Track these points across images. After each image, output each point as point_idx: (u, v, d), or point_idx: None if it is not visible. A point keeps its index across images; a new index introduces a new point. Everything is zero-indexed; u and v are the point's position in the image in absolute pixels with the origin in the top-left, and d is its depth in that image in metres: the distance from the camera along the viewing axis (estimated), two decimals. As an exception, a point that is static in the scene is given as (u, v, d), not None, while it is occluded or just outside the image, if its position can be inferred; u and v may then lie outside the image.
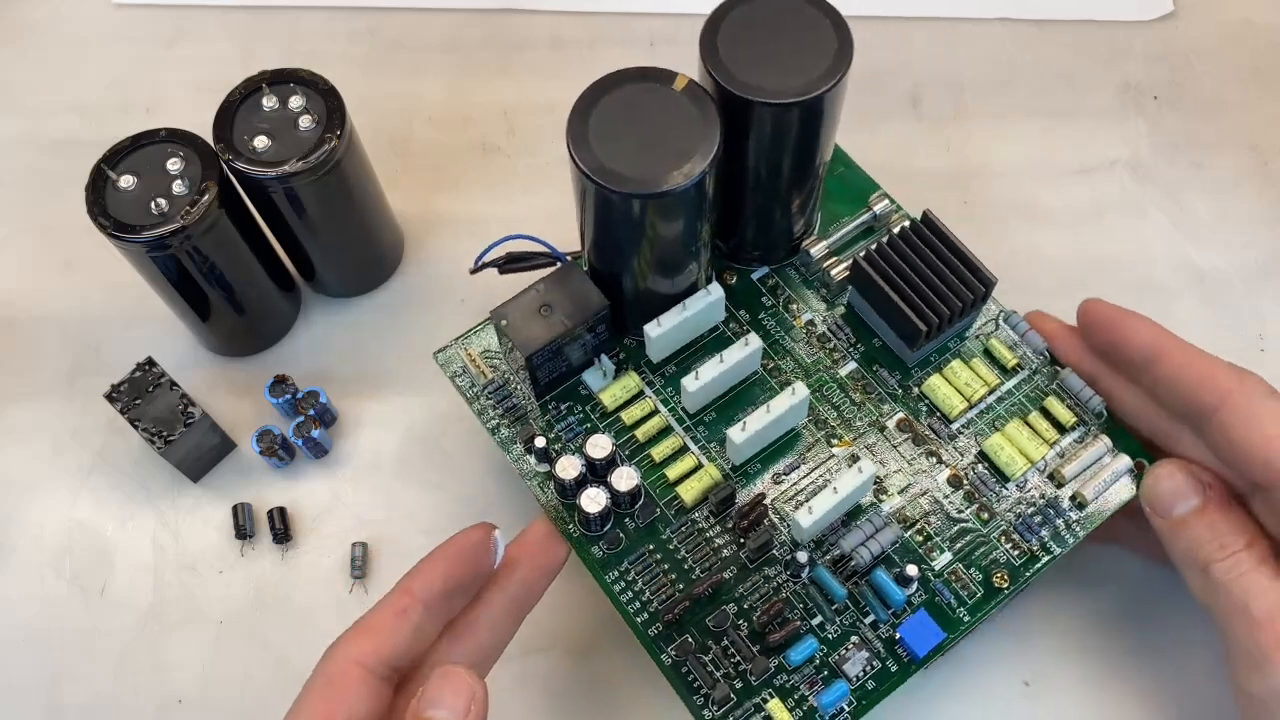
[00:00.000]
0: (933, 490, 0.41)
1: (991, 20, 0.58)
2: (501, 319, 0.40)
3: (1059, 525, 0.40)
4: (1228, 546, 0.36)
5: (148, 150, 0.43)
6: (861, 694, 0.38)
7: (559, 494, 0.40)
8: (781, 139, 0.38)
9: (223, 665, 0.44)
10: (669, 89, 0.37)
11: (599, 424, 0.42)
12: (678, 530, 0.40)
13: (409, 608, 0.34)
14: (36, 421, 0.48)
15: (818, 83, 0.37)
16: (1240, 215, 0.52)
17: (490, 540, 0.37)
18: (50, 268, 0.52)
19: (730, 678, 0.38)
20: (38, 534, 0.46)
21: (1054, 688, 0.42)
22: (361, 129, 0.45)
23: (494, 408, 0.42)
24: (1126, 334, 0.39)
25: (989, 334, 0.43)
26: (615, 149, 0.36)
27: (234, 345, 0.49)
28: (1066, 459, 0.40)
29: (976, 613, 0.39)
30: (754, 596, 0.39)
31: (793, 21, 0.38)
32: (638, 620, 0.38)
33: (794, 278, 0.45)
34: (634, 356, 0.43)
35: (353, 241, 0.48)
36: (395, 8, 0.58)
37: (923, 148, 0.54)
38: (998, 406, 0.42)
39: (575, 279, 0.41)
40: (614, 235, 0.39)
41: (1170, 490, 0.38)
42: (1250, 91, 0.55)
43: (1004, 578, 0.39)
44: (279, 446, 0.46)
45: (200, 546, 0.46)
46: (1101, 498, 0.40)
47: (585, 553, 0.40)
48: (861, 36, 0.57)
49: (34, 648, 0.44)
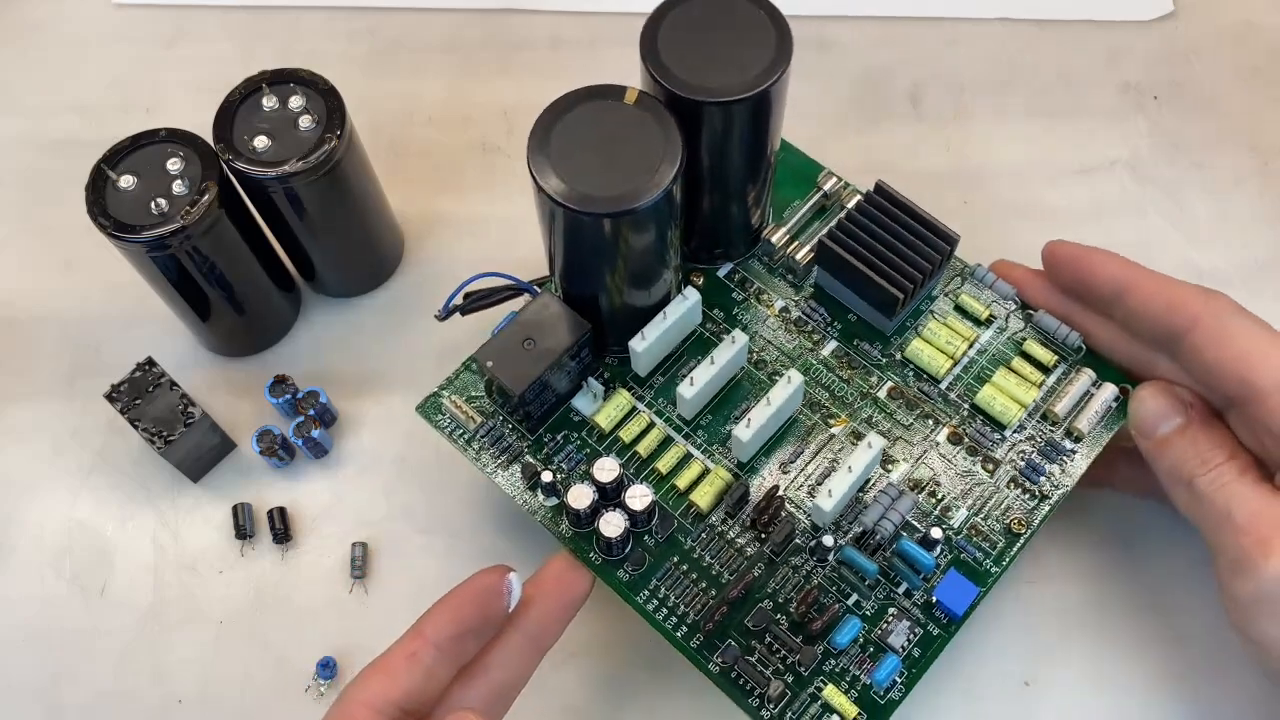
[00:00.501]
0: (935, 451, 0.41)
1: (991, 20, 0.58)
2: (487, 361, 0.39)
3: (1062, 461, 0.41)
4: (1210, 461, 0.37)
5: (148, 150, 0.43)
6: (910, 662, 0.38)
7: (574, 524, 0.40)
8: (734, 136, 0.38)
9: (223, 665, 0.44)
10: (621, 103, 0.37)
11: (598, 447, 0.41)
12: (698, 538, 0.40)
13: (420, 651, 0.34)
14: (36, 421, 0.48)
15: (764, 75, 0.37)
16: (1240, 215, 0.52)
17: (504, 584, 0.36)
18: (50, 268, 0.52)
19: (780, 673, 0.38)
20: (38, 534, 0.46)
21: (1054, 688, 0.42)
22: (361, 129, 0.45)
23: (490, 452, 0.41)
24: (1093, 269, 0.40)
25: (957, 290, 0.44)
26: (580, 172, 0.36)
27: (234, 345, 0.49)
28: (1055, 397, 0.41)
29: (1002, 561, 0.39)
30: (787, 588, 0.39)
31: (729, 19, 0.38)
32: (677, 635, 0.38)
33: (759, 269, 0.45)
34: (618, 374, 0.43)
35: (353, 241, 0.48)
36: (395, 8, 0.58)
37: (923, 148, 0.54)
38: (980, 359, 0.43)
39: (551, 307, 0.40)
40: (589, 257, 0.38)
41: (1154, 410, 0.39)
42: (1250, 91, 0.55)
43: (1021, 523, 0.40)
44: (279, 446, 0.46)
45: (200, 546, 0.46)
46: (1095, 428, 0.41)
47: (611, 578, 0.39)
48: (861, 36, 0.57)
49: (34, 648, 0.44)
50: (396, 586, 0.45)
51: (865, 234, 0.42)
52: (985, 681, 0.42)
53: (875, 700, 0.37)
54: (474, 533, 0.45)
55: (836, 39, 0.57)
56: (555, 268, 0.40)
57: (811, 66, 0.56)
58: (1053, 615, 0.43)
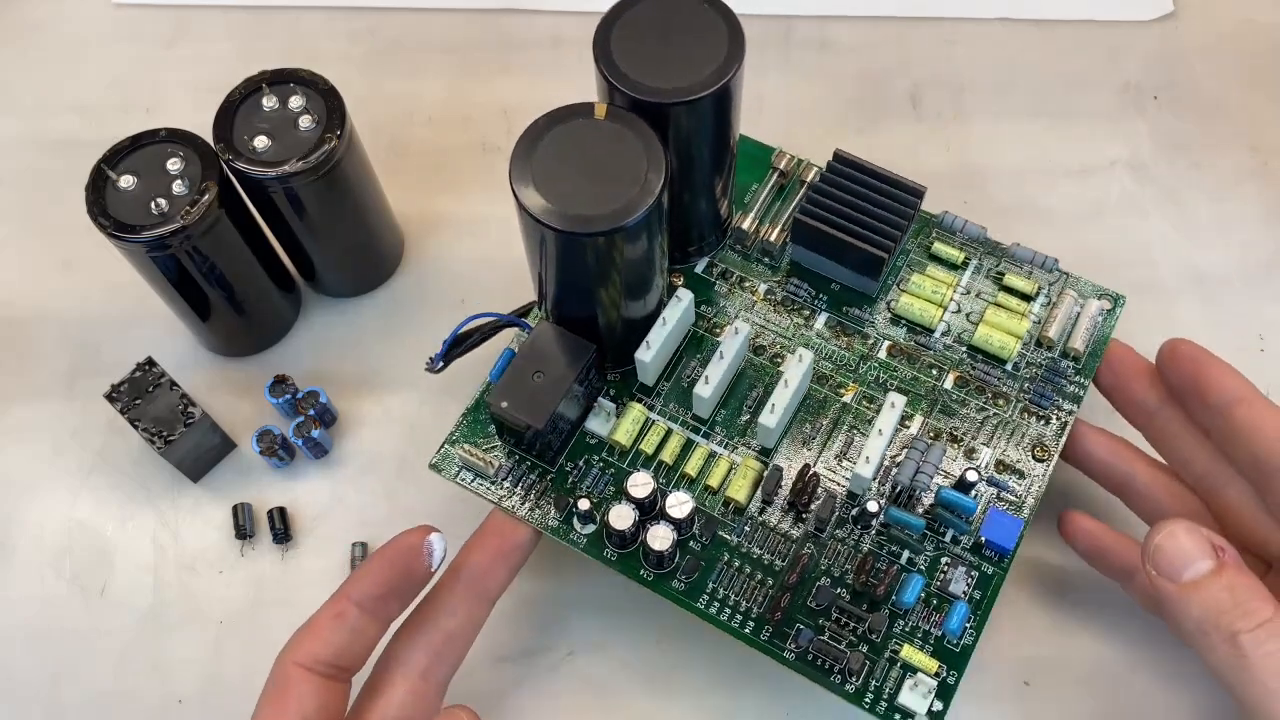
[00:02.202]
0: (946, 398, 0.42)
1: (991, 20, 0.58)
2: (501, 403, 0.39)
3: (1066, 383, 0.42)
4: (1255, 614, 0.33)
5: (148, 150, 0.43)
6: (975, 606, 0.39)
7: (618, 546, 0.40)
8: (701, 133, 0.39)
9: (223, 665, 0.44)
10: (592, 119, 0.36)
11: (622, 465, 0.41)
12: (742, 532, 0.40)
13: (344, 611, 0.36)
14: (36, 421, 0.48)
15: (722, 69, 0.37)
16: (1240, 215, 0.52)
17: (425, 544, 0.37)
18: (50, 268, 0.52)
19: (854, 645, 0.38)
20: (38, 534, 0.46)
21: (1054, 688, 0.42)
22: (361, 129, 0.45)
23: (518, 494, 0.41)
24: (1212, 374, 0.39)
25: (928, 240, 0.45)
26: (570, 195, 0.35)
27: (234, 345, 0.49)
28: (1046, 323, 0.43)
29: (1037, 490, 0.40)
30: (840, 561, 0.39)
31: (677, 19, 0.38)
32: (745, 631, 0.38)
33: (734, 258, 0.45)
34: (624, 388, 0.43)
35: (353, 241, 0.48)
36: (395, 8, 0.58)
37: (923, 148, 0.54)
38: (966, 301, 0.44)
39: (550, 334, 0.40)
40: (587, 278, 0.38)
41: (1179, 550, 0.34)
42: (1250, 91, 0.55)
43: (1043, 449, 0.41)
44: (279, 446, 0.46)
45: (200, 546, 0.46)
46: (1090, 343, 0.42)
47: (667, 591, 0.39)
48: (861, 36, 0.57)
49: (34, 648, 0.44)
50: (396, 586, 0.45)
51: (835, 202, 0.42)
52: (985, 681, 0.42)
53: (950, 649, 0.38)
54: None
55: (836, 39, 0.57)
56: (548, 294, 0.40)
57: (811, 66, 0.56)
58: (1053, 615, 0.43)
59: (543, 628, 0.44)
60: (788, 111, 0.55)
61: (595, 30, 0.38)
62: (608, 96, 0.38)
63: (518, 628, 0.44)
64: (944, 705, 0.37)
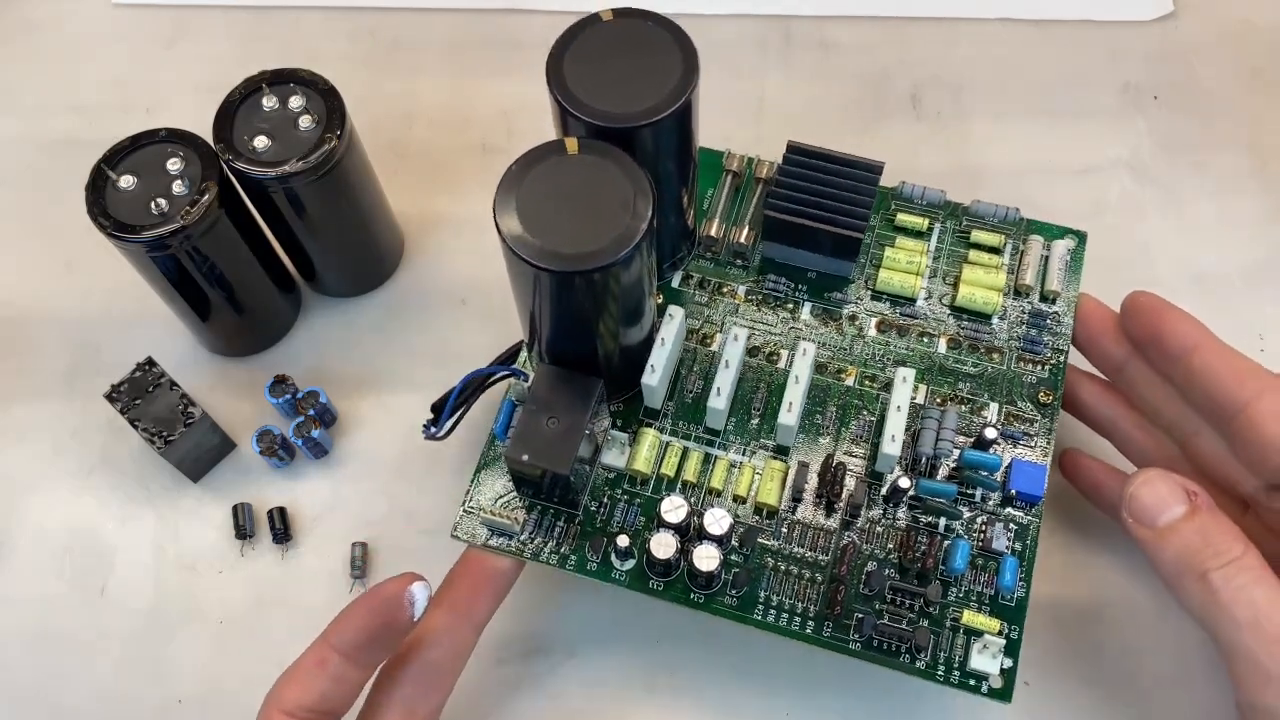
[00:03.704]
0: (942, 362, 0.43)
1: (991, 20, 0.58)
2: (522, 456, 0.37)
3: (1051, 325, 0.43)
4: (1225, 553, 0.35)
5: (148, 150, 0.43)
6: (1020, 558, 0.39)
7: (662, 575, 0.39)
8: (665, 152, 0.38)
9: (223, 665, 0.44)
10: (566, 156, 0.36)
11: (648, 493, 0.41)
12: (780, 534, 0.40)
13: (326, 658, 0.35)
14: (36, 421, 0.48)
15: (681, 86, 0.37)
16: (1240, 215, 0.52)
17: (405, 594, 0.36)
18: (50, 268, 0.52)
19: (915, 621, 0.38)
20: (38, 534, 0.46)
21: (1054, 688, 0.42)
22: (361, 129, 0.45)
23: (550, 545, 0.40)
24: (1169, 323, 0.40)
25: (891, 214, 0.45)
26: (563, 236, 0.35)
27: (234, 345, 0.49)
28: (1020, 271, 0.44)
29: (1049, 433, 0.41)
30: (881, 541, 0.40)
31: (627, 42, 0.38)
32: (806, 631, 0.38)
33: (708, 266, 0.45)
34: (629, 415, 0.42)
35: (353, 241, 0.48)
36: (395, 8, 0.58)
37: (923, 148, 0.54)
38: (939, 265, 0.44)
39: (552, 376, 0.39)
40: (588, 314, 0.37)
41: (1153, 497, 0.36)
42: (1250, 91, 0.55)
43: (1047, 393, 0.42)
44: (279, 446, 0.46)
45: (200, 546, 0.46)
46: (1065, 284, 0.43)
47: (720, 609, 0.39)
48: (861, 36, 0.57)
49: (34, 648, 0.44)
50: (396, 586, 0.45)
51: (800, 193, 0.43)
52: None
53: (1006, 605, 0.38)
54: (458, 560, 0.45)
55: (836, 39, 0.57)
56: (543, 336, 0.39)
57: (812, 66, 0.56)
58: (1053, 616, 0.43)
59: (543, 628, 0.44)
60: (788, 111, 0.55)
61: (546, 62, 0.37)
62: (564, 125, 0.37)
63: (518, 628, 0.44)
64: (1013, 661, 0.37)
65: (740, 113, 0.55)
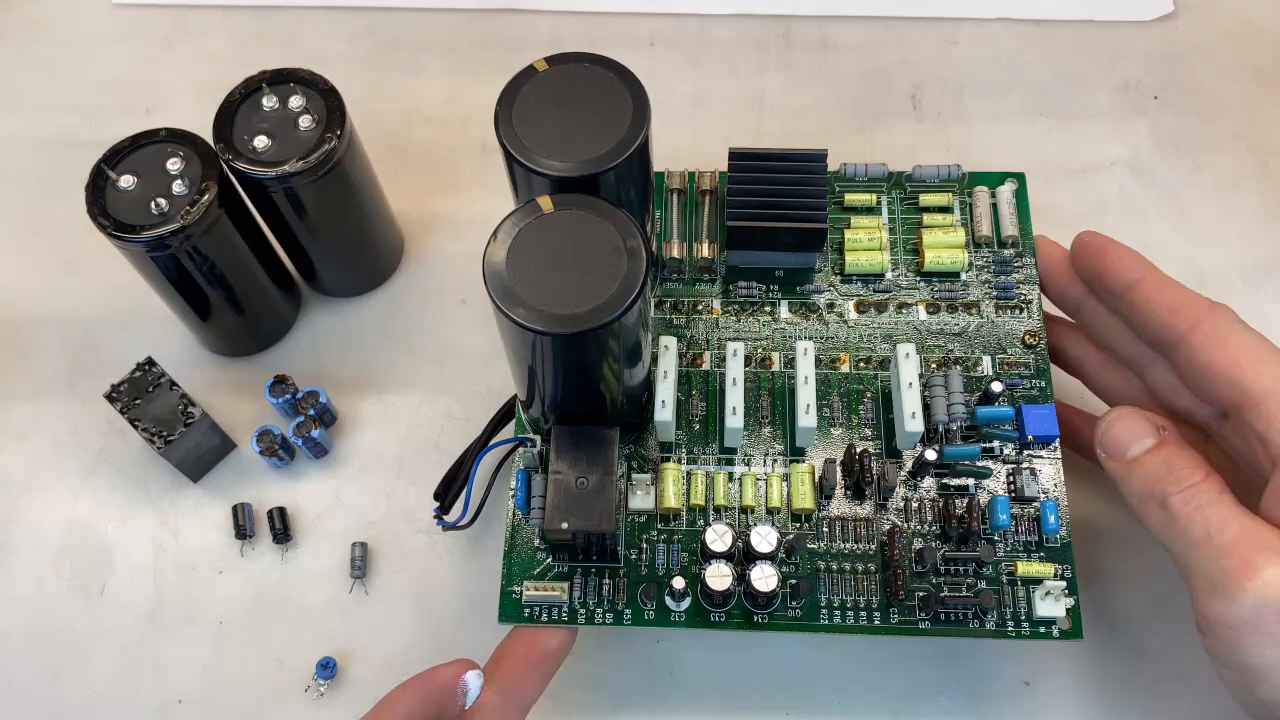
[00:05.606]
0: (925, 328, 0.43)
1: (991, 20, 0.58)
2: (561, 524, 0.36)
3: (1018, 269, 0.44)
4: (1184, 479, 0.36)
5: (148, 150, 0.43)
6: (1054, 499, 0.40)
7: (721, 606, 0.38)
8: (627, 189, 0.38)
9: (223, 665, 0.44)
10: (544, 215, 0.35)
11: (683, 528, 0.40)
12: (823, 535, 0.40)
13: None
14: (36, 421, 0.48)
15: (635, 128, 0.36)
16: (1240, 215, 0.52)
17: (459, 683, 0.36)
18: (50, 268, 0.52)
19: (973, 586, 0.39)
20: (38, 534, 0.46)
21: (1054, 688, 0.42)
22: (361, 129, 0.45)
23: (602, 607, 0.39)
24: (1110, 259, 0.41)
25: (839, 196, 0.46)
26: (564, 298, 0.34)
27: (234, 345, 0.49)
28: (975, 226, 0.45)
29: (1045, 375, 0.42)
30: (920, 516, 0.40)
31: (570, 90, 0.37)
32: (875, 624, 0.39)
33: (677, 287, 0.45)
34: (642, 456, 0.41)
35: (353, 241, 0.48)
36: (395, 8, 0.58)
37: (923, 148, 0.54)
38: (897, 236, 0.45)
39: (568, 437, 0.38)
40: (597, 368, 0.36)
41: (1124, 431, 0.38)
42: (1250, 91, 0.55)
43: (1032, 335, 0.43)
44: (279, 446, 0.46)
45: (200, 546, 0.46)
46: (1018, 224, 0.44)
47: (787, 624, 0.39)
48: (861, 36, 0.57)
49: (34, 648, 0.44)
50: (396, 586, 0.45)
51: (755, 195, 0.42)
52: (985, 681, 0.42)
53: (1054, 548, 0.39)
54: (473, 531, 0.45)
55: (836, 39, 0.57)
56: (547, 397, 0.38)
57: (812, 66, 0.56)
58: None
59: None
60: (788, 111, 0.55)
61: (495, 123, 0.36)
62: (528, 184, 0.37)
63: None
64: (1074, 599, 0.38)
65: (740, 113, 0.55)
